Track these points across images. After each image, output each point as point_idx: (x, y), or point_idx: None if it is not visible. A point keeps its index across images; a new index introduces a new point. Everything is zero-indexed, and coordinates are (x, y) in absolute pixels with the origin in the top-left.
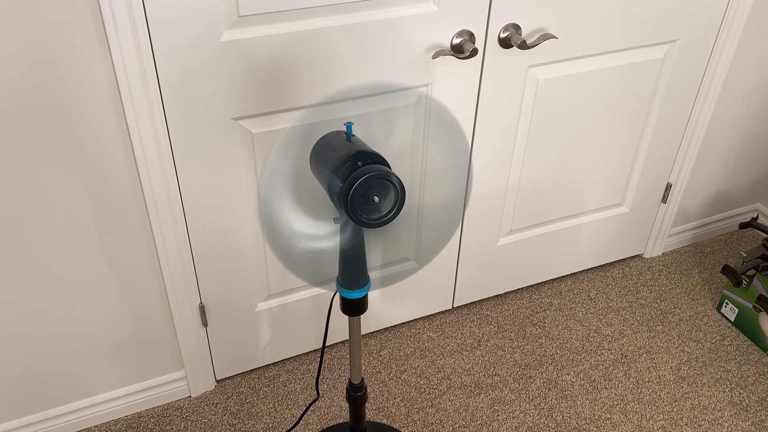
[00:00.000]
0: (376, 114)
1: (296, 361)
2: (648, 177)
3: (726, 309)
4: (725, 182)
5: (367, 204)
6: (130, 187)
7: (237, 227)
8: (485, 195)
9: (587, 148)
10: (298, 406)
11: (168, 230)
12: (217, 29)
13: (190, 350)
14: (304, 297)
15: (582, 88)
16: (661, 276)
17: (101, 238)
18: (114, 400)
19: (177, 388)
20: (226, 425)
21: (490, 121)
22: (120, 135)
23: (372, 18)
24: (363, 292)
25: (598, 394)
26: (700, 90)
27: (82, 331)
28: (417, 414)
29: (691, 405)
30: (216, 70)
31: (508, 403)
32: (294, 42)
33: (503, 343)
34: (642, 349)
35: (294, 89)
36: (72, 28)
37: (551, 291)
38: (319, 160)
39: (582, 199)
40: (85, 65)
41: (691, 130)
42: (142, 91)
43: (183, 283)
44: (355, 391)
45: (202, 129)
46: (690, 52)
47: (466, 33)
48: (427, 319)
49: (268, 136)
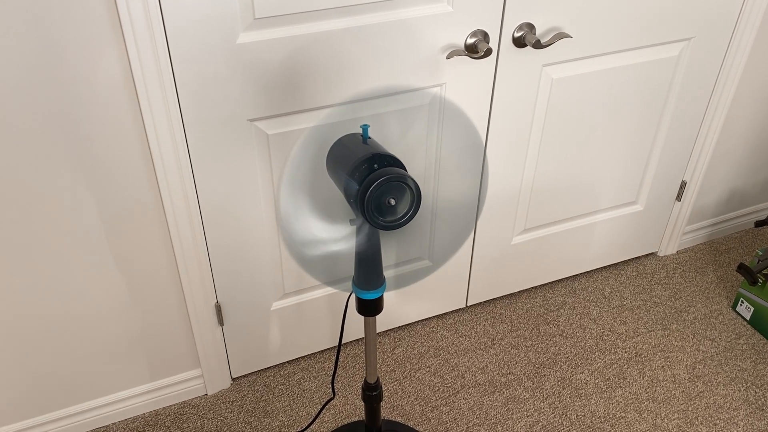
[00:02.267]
0: (390, 114)
1: (311, 359)
2: (662, 175)
3: (741, 307)
4: (741, 180)
5: (383, 206)
6: (148, 189)
7: (253, 227)
8: (499, 194)
9: (601, 147)
10: (314, 404)
11: (185, 230)
12: (233, 32)
13: (206, 349)
14: (319, 296)
15: (596, 87)
16: (676, 274)
17: (119, 239)
18: (131, 398)
19: (193, 387)
20: (242, 423)
21: (504, 121)
22: (137, 137)
23: (386, 19)
24: (379, 292)
25: (613, 393)
26: (715, 87)
27: (100, 331)
28: (431, 412)
29: (706, 404)
30: (232, 72)
31: (522, 402)
32: (309, 44)
33: (517, 342)
34: (656, 347)
35: (309, 91)
36: (90, 32)
37: (565, 289)
38: (335, 162)
39: (596, 198)
40: (103, 69)
41: (706, 127)
42: (159, 94)
43: (199, 282)
44: (370, 391)
45: (219, 130)
46: (705, 50)
47: (480, 33)
48: (441, 318)
49: (283, 137)
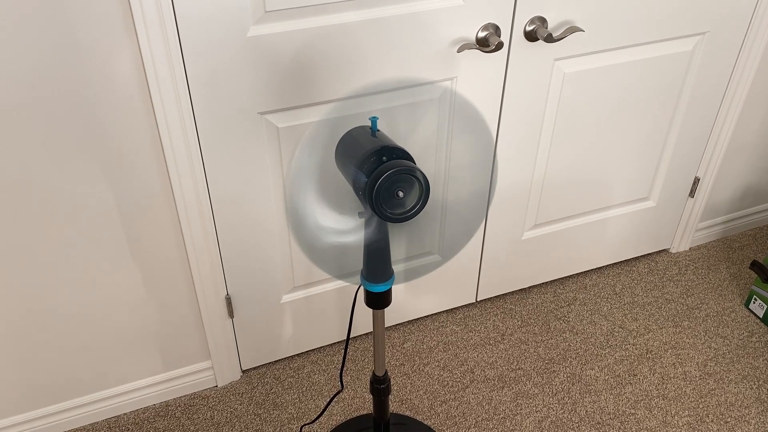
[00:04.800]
0: (401, 108)
1: (320, 352)
2: (675, 171)
3: (754, 305)
4: (755, 176)
5: (391, 199)
6: (159, 182)
7: (263, 220)
8: (510, 188)
9: (613, 142)
10: (323, 397)
11: (195, 223)
12: (244, 24)
13: (216, 341)
14: (328, 289)
15: (609, 81)
16: (688, 271)
17: (130, 231)
18: (142, 389)
19: (203, 378)
20: (252, 415)
21: (515, 115)
22: (148, 129)
23: (397, 12)
24: (387, 285)
25: (623, 390)
26: (729, 83)
27: (112, 323)
28: (440, 407)
29: (718, 402)
30: (243, 65)
31: (531, 397)
32: (319, 37)
33: (527, 337)
34: (668, 344)
35: (319, 83)
36: (101, 25)
37: (576, 285)
38: (344, 154)
39: (608, 193)
40: (115, 61)
41: (720, 123)
42: (171, 87)
43: (210, 275)
44: (378, 384)
45: (229, 123)
46: (720, 45)
47: (491, 26)
48: (451, 313)
49: (293, 130)
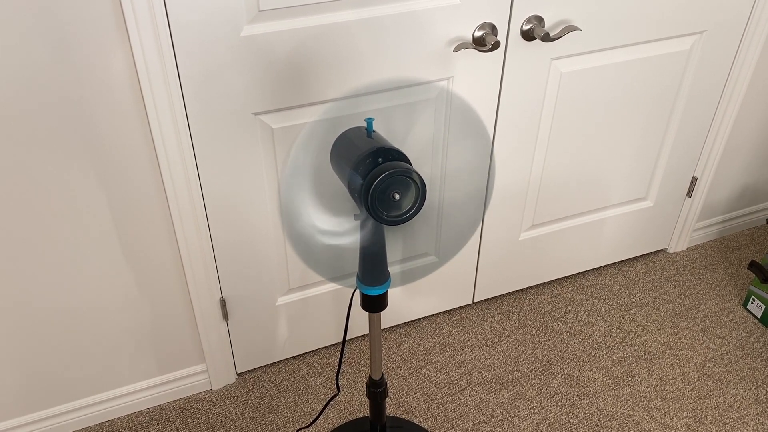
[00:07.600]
0: (397, 108)
1: (316, 354)
2: (673, 171)
3: (752, 305)
4: (752, 176)
5: (387, 201)
6: (152, 183)
7: (257, 222)
8: (507, 189)
9: (611, 142)
10: (318, 400)
11: (189, 225)
12: (237, 24)
13: (211, 344)
14: (324, 291)
15: (606, 81)
16: (686, 271)
17: (123, 233)
18: (137, 392)
19: (198, 381)
20: (247, 418)
21: (512, 115)
22: (141, 131)
23: (393, 11)
24: (383, 288)
25: (621, 391)
26: (727, 82)
27: (105, 326)
28: (437, 409)
29: (716, 403)
30: (236, 65)
31: (529, 399)
32: (314, 36)
33: (524, 339)
34: (666, 345)
35: (314, 84)
36: (93, 26)
37: (573, 286)
38: (339, 156)
39: (605, 194)
40: (106, 63)
41: (718, 122)
42: (163, 87)
43: (204, 277)
44: (375, 387)
45: (223, 124)
46: (717, 44)
47: (488, 26)
48: (448, 314)
49: (288, 131)
